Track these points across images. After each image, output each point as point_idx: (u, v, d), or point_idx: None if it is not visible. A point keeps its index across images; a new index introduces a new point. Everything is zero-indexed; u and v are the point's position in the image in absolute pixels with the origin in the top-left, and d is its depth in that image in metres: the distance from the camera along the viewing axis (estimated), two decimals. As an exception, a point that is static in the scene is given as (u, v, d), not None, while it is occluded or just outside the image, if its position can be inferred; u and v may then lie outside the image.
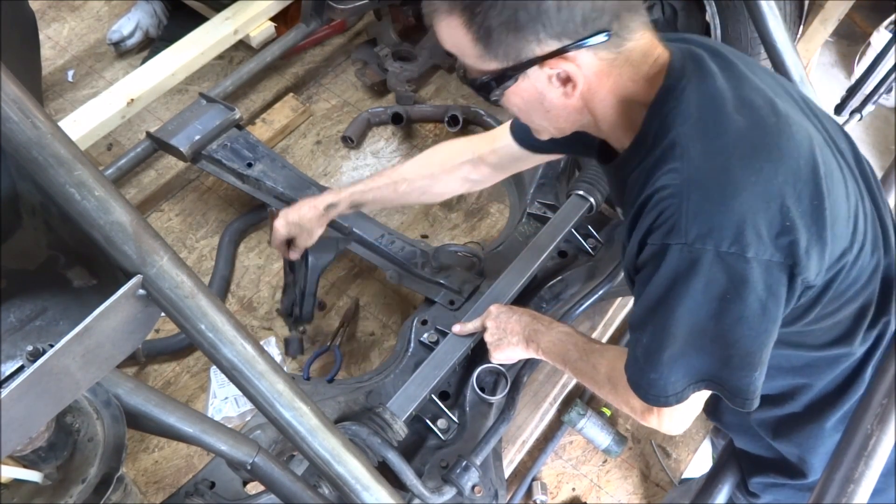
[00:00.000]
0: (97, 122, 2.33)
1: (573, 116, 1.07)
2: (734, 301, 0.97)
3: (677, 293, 0.99)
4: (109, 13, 3.06)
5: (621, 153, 1.12)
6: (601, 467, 2.10)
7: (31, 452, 0.92)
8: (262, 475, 1.09)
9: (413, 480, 1.49)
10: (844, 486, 0.93)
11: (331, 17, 2.64)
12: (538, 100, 1.04)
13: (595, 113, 1.06)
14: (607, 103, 1.05)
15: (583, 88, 1.01)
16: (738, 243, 0.94)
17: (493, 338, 1.57)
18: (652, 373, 1.06)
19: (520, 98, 1.05)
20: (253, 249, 2.41)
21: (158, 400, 1.07)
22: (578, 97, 1.03)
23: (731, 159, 0.97)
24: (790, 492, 1.37)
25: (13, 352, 0.92)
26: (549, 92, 1.03)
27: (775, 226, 0.95)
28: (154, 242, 0.78)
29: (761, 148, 0.98)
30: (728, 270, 0.95)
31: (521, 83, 1.02)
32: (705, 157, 0.98)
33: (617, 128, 1.09)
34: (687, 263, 0.96)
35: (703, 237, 0.95)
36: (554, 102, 1.04)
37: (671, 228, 0.97)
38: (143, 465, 2.00)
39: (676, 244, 0.96)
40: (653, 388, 1.07)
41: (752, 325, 0.99)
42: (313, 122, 2.74)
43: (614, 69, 1.01)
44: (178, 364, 2.17)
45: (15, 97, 0.70)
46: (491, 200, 2.53)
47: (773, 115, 1.01)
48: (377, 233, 2.05)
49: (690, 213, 0.96)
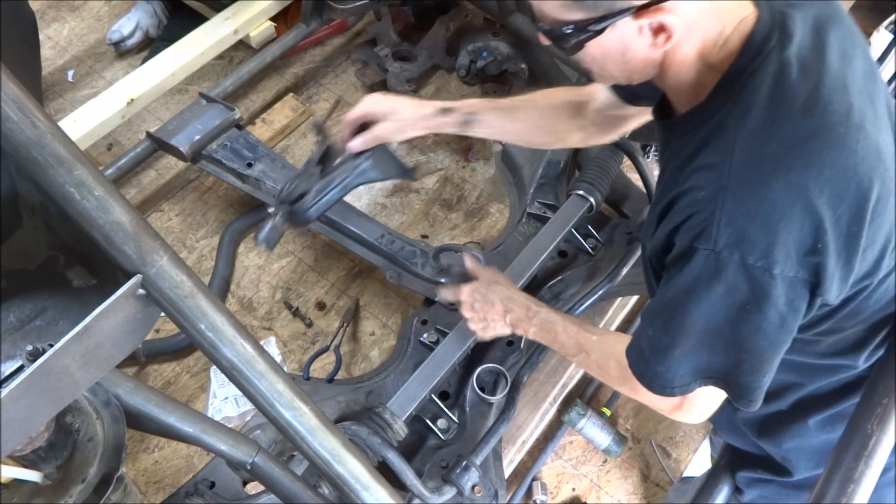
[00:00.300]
0: (97, 122, 2.33)
1: (648, 69, 1.02)
2: (753, 312, 0.96)
3: (697, 295, 0.98)
4: (109, 13, 3.06)
5: (676, 117, 1.08)
6: (601, 467, 2.10)
7: (31, 452, 0.92)
8: (262, 475, 1.09)
9: (413, 480, 1.49)
10: (844, 486, 0.93)
11: (331, 17, 2.64)
12: (620, 51, 0.98)
13: (671, 69, 1.01)
14: (688, 60, 0.99)
15: (674, 40, 0.94)
16: (766, 258, 0.92)
17: (476, 325, 1.51)
18: (659, 366, 1.06)
19: (599, 49, 0.99)
20: (253, 249, 2.41)
21: (158, 400, 1.07)
22: (664, 51, 0.97)
23: (776, 171, 0.93)
24: (775, 488, 1.37)
25: (13, 352, 0.92)
26: (636, 43, 0.96)
27: (806, 245, 0.93)
28: (154, 242, 0.78)
29: (814, 162, 0.93)
30: (751, 282, 0.94)
31: (606, 34, 0.95)
32: (750, 162, 0.94)
33: (685, 89, 1.04)
34: (711, 269, 0.95)
35: (731, 246, 0.93)
36: (637, 54, 0.98)
37: (701, 232, 0.95)
38: (143, 465, 2.00)
39: (704, 249, 0.95)
40: (658, 378, 1.07)
41: (769, 336, 0.98)
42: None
43: (705, 21, 0.95)
44: (178, 364, 2.17)
45: (15, 97, 0.70)
46: (491, 200, 2.53)
47: (844, 124, 0.95)
48: (377, 233, 2.05)
49: (722, 221, 0.93)
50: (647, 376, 1.09)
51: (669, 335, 1.03)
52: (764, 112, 0.95)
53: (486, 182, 2.57)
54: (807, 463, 1.29)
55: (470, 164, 2.62)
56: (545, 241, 1.87)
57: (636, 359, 1.12)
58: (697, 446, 2.14)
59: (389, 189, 2.56)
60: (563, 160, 2.13)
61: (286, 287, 2.33)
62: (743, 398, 1.04)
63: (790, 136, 0.94)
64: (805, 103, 0.94)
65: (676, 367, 1.05)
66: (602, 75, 1.08)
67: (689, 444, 2.14)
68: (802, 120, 0.94)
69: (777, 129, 0.94)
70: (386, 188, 2.56)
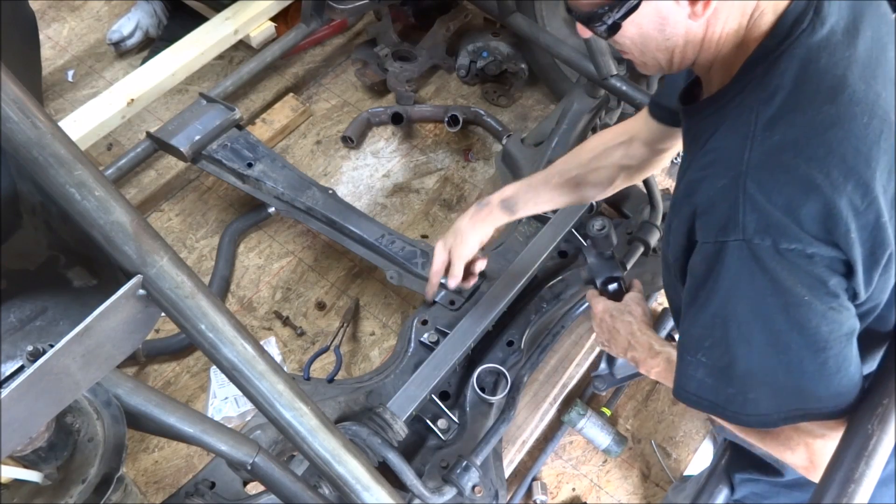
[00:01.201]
0: (97, 122, 2.33)
1: (689, 48, 0.98)
2: (812, 301, 0.90)
3: (744, 294, 0.92)
4: (109, 13, 3.06)
5: (701, 100, 1.05)
6: (601, 467, 2.10)
7: (31, 452, 0.92)
8: (262, 475, 1.09)
9: (413, 480, 1.49)
10: (844, 486, 0.93)
11: (331, 17, 2.64)
12: (659, 27, 0.95)
13: (712, 46, 0.97)
14: (725, 36, 0.96)
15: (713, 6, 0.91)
16: (799, 241, 0.88)
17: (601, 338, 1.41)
18: (728, 387, 0.97)
19: (637, 28, 0.96)
20: (253, 249, 2.41)
21: (158, 400, 1.07)
22: (704, 21, 0.93)
23: (797, 158, 0.90)
24: (765, 486, 1.37)
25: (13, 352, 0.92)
26: (674, 14, 0.93)
27: (833, 230, 0.89)
28: (154, 242, 0.78)
29: (836, 150, 0.90)
30: (793, 269, 0.89)
31: (642, 9, 0.92)
32: (771, 148, 0.91)
33: (718, 68, 1.00)
34: (748, 260, 0.90)
35: (761, 232, 0.89)
36: (676, 28, 0.95)
37: (726, 223, 0.91)
38: (143, 465, 2.00)
39: (734, 240, 0.91)
40: (731, 403, 0.98)
41: (839, 320, 0.91)
42: (313, 122, 2.74)
43: None
44: (178, 364, 2.17)
45: (15, 97, 0.70)
46: (491, 200, 2.53)
47: (869, 114, 0.91)
48: (377, 233, 2.05)
49: (747, 206, 0.90)
50: (719, 404, 0.99)
51: (729, 351, 0.95)
52: (787, 98, 0.92)
53: (486, 182, 2.57)
54: None
55: (470, 164, 2.62)
56: (545, 241, 1.87)
57: (698, 391, 1.01)
58: (697, 446, 2.14)
59: (389, 189, 2.56)
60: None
61: (286, 287, 2.33)
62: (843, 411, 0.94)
63: (813, 123, 0.91)
64: (831, 90, 0.91)
65: (747, 387, 0.96)
66: (644, 60, 1.04)
67: (689, 444, 2.14)
68: (826, 107, 0.91)
69: (800, 114, 0.91)
70: (386, 188, 2.56)
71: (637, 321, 1.31)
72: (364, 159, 2.64)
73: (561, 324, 1.87)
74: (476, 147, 2.67)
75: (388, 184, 2.57)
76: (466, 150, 2.65)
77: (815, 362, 0.93)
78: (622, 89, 2.06)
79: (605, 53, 2.06)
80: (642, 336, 1.29)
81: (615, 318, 1.33)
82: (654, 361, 1.25)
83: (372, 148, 2.67)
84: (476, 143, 2.68)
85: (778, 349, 0.93)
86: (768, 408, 0.96)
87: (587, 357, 2.00)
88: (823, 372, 0.93)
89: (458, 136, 2.67)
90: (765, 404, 0.96)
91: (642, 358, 1.27)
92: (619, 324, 1.32)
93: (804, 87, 0.92)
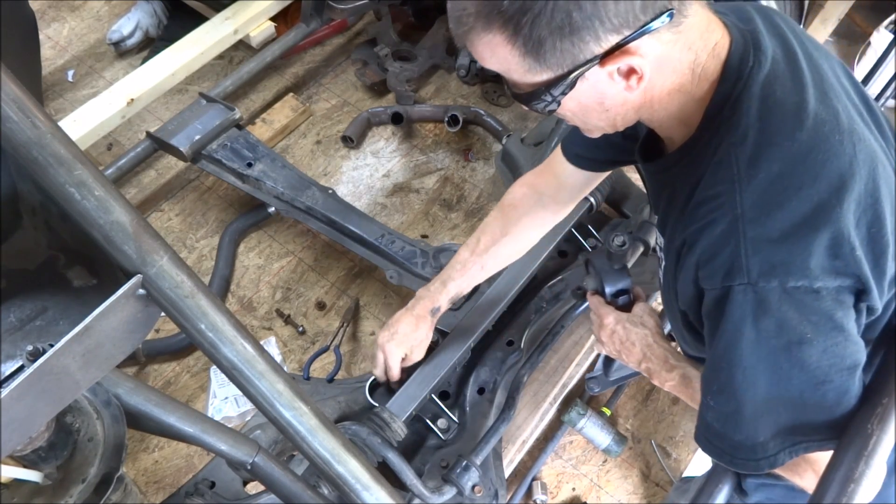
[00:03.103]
0: (97, 122, 2.33)
1: (630, 114, 1.00)
2: (815, 338, 0.91)
3: (747, 339, 0.93)
4: (109, 13, 3.06)
5: (668, 154, 1.06)
6: (601, 467, 2.10)
7: (31, 452, 0.92)
8: (262, 475, 1.09)
9: (413, 480, 1.49)
10: (844, 485, 0.93)
11: (331, 17, 2.64)
12: (597, 100, 0.97)
13: (653, 106, 0.99)
14: (668, 95, 0.97)
15: (647, 79, 0.93)
16: (806, 277, 0.89)
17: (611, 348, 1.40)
18: (736, 434, 0.98)
19: (576, 102, 0.97)
20: (253, 249, 2.41)
21: (158, 400, 1.07)
22: (640, 90, 0.95)
23: (787, 190, 0.91)
24: (782, 490, 1.37)
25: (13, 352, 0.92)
26: (610, 89, 0.94)
27: (839, 255, 0.90)
28: (154, 242, 0.78)
29: (821, 174, 0.91)
30: (799, 307, 0.90)
31: (578, 87, 0.93)
32: (759, 186, 0.92)
33: (674, 124, 1.02)
34: (753, 304, 0.91)
35: (766, 274, 0.90)
36: (615, 100, 0.96)
37: (730, 269, 0.92)
38: (143, 465, 2.00)
39: (739, 285, 0.91)
40: (740, 452, 0.99)
41: (839, 353, 0.92)
42: (313, 122, 2.74)
43: (674, 53, 0.93)
44: (178, 364, 2.17)
45: (15, 97, 0.70)
46: (491, 200, 2.53)
47: (837, 130, 0.93)
48: (377, 233, 2.05)
49: (749, 250, 0.91)
50: (727, 453, 1.01)
51: (735, 396, 0.96)
52: (759, 134, 0.93)
53: (486, 182, 2.57)
54: None
55: (470, 164, 2.62)
56: (545, 241, 1.87)
57: (707, 436, 1.03)
58: (697, 446, 2.14)
59: (389, 189, 2.56)
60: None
61: (286, 287, 2.33)
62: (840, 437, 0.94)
63: (790, 153, 0.92)
64: (795, 117, 0.93)
65: (753, 431, 0.97)
66: (587, 128, 1.06)
67: (689, 444, 2.14)
68: (798, 134, 0.93)
69: (776, 148, 0.93)
70: (386, 188, 2.56)
71: (652, 333, 1.31)
72: (364, 159, 2.64)
73: (561, 323, 1.87)
74: (476, 147, 2.67)
75: (388, 184, 2.57)
76: (466, 150, 2.65)
77: (814, 395, 0.94)
78: (622, 89, 2.06)
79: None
80: (658, 348, 1.29)
81: (629, 330, 1.33)
82: (669, 375, 1.26)
83: (372, 148, 2.67)
84: (476, 142, 2.68)
85: (780, 387, 0.94)
86: (774, 448, 0.97)
87: (587, 357, 2.00)
88: (823, 404, 0.94)
89: (458, 135, 2.67)
90: (771, 446, 0.97)
91: (657, 370, 1.28)
92: (633, 335, 1.32)
93: (770, 120, 0.93)
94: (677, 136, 1.04)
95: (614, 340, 1.35)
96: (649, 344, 1.30)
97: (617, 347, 1.35)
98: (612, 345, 1.36)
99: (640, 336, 1.31)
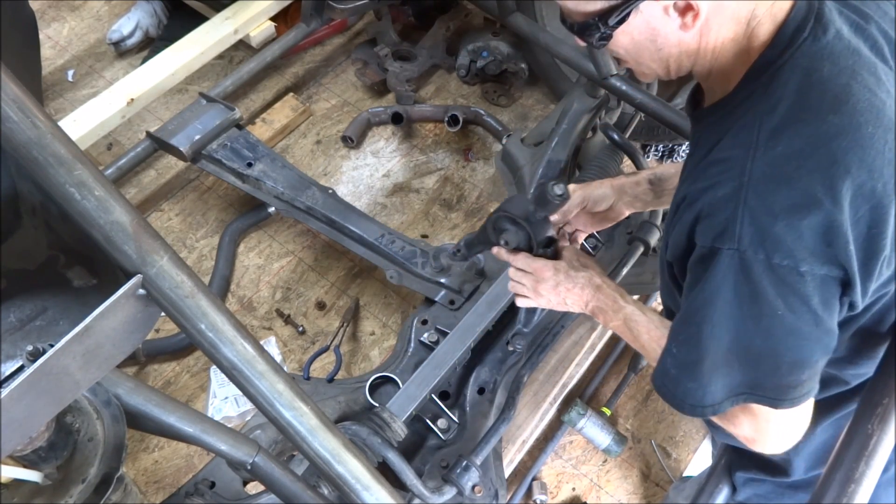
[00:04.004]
0: (97, 122, 2.33)
1: (684, 58, 0.99)
2: (785, 315, 0.92)
3: (724, 300, 0.94)
4: (109, 13, 3.06)
5: (704, 108, 1.06)
6: (601, 467, 2.10)
7: (31, 452, 0.92)
8: (262, 475, 1.09)
9: (413, 480, 1.49)
10: (844, 485, 0.93)
11: (331, 16, 2.64)
12: (650, 37, 0.96)
13: (707, 55, 0.98)
14: (722, 44, 0.96)
15: (703, 18, 0.92)
16: (792, 257, 0.89)
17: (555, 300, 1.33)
18: (689, 381, 1.01)
19: (629, 38, 0.97)
20: (253, 249, 2.41)
21: (158, 400, 1.07)
22: (696, 32, 0.94)
23: (800, 169, 0.90)
24: (770, 487, 1.36)
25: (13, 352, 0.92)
26: (665, 26, 0.94)
27: (833, 244, 0.90)
28: (154, 242, 0.78)
29: (839, 161, 0.90)
30: (780, 284, 0.90)
31: (632, 20, 0.93)
32: (774, 159, 0.91)
33: (719, 77, 1.01)
34: (736, 270, 0.92)
35: (755, 245, 0.90)
36: (668, 39, 0.96)
37: (723, 231, 0.92)
38: (143, 465, 2.00)
39: (728, 249, 0.92)
40: (689, 397, 1.02)
41: (805, 336, 0.94)
42: (313, 122, 2.74)
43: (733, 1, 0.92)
44: (178, 364, 2.17)
45: (15, 97, 0.70)
46: (491, 200, 2.53)
47: (873, 123, 0.91)
48: (377, 233, 2.05)
49: (746, 218, 0.91)
50: (677, 395, 1.03)
51: (698, 348, 0.98)
52: (791, 108, 0.92)
53: (486, 182, 2.57)
54: (806, 463, 1.28)
55: (470, 164, 2.62)
56: (545, 241, 1.87)
57: (662, 380, 1.06)
58: (697, 446, 2.14)
59: (389, 189, 2.56)
60: (563, 160, 2.13)
61: (286, 287, 2.33)
62: (783, 400, 0.98)
63: (817, 133, 0.91)
64: (835, 100, 0.91)
65: (707, 382, 0.99)
66: (640, 69, 1.05)
67: (689, 444, 2.14)
68: (830, 117, 0.91)
69: (804, 125, 0.91)
70: (386, 188, 2.56)
71: (597, 273, 1.30)
72: (364, 159, 2.64)
73: (561, 324, 1.87)
74: (476, 147, 2.67)
75: (388, 183, 2.57)
76: (466, 150, 2.65)
77: (770, 364, 0.96)
78: (622, 89, 2.06)
79: (605, 53, 2.05)
80: (607, 288, 1.27)
81: (573, 277, 1.29)
82: (617, 315, 1.25)
83: (372, 148, 2.67)
84: (476, 142, 2.68)
85: (741, 350, 0.96)
86: (721, 398, 1.00)
87: (587, 357, 2.00)
88: (777, 372, 0.96)
89: (458, 135, 2.67)
90: (719, 396, 1.00)
91: (606, 309, 1.27)
92: (579, 279, 1.29)
93: (807, 97, 0.92)
94: (718, 91, 1.03)
95: (559, 291, 1.31)
96: (597, 284, 1.28)
97: (562, 297, 1.31)
98: (556, 296, 1.32)
99: (586, 278, 1.29)
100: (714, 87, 1.04)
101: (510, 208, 1.32)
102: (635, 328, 1.24)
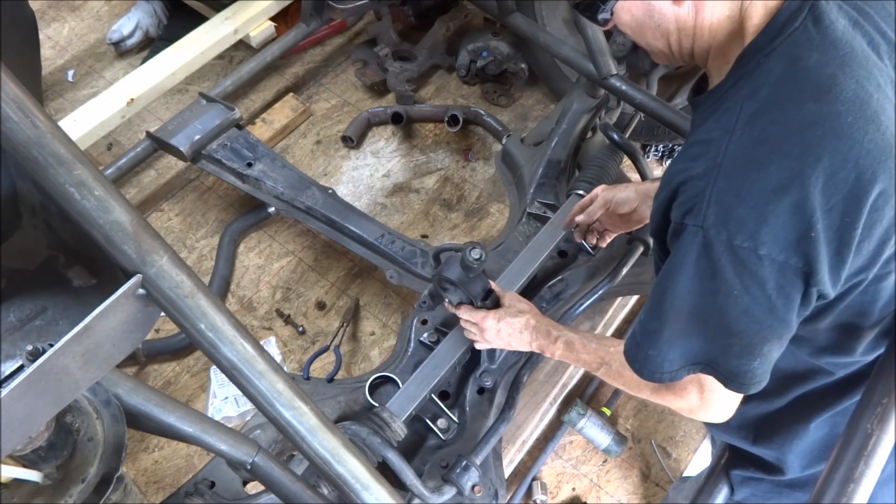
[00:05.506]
0: (97, 122, 2.33)
1: (683, 37, 1.03)
2: (741, 294, 0.95)
3: (685, 273, 0.98)
4: (109, 13, 3.06)
5: (702, 95, 1.09)
6: (601, 467, 2.10)
7: (31, 452, 0.92)
8: (262, 475, 1.09)
9: (413, 480, 1.49)
10: (844, 485, 0.93)
11: (331, 17, 2.64)
12: (647, 13, 1.02)
13: (704, 32, 1.02)
14: (718, 22, 1.00)
15: None
16: (753, 240, 0.91)
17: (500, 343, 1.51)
18: (650, 349, 1.07)
19: (630, 15, 1.04)
20: (253, 249, 2.41)
21: (158, 400, 1.07)
22: (691, 7, 0.99)
23: (773, 154, 0.92)
24: (766, 486, 1.37)
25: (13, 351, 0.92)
26: (658, 1, 1.00)
27: (796, 231, 0.91)
28: (154, 242, 0.78)
29: (812, 149, 0.91)
30: (738, 264, 0.93)
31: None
32: (749, 142, 0.93)
33: (719, 57, 1.04)
34: (699, 247, 0.95)
35: (718, 225, 0.93)
36: (664, 14, 1.01)
37: (691, 209, 0.96)
38: (143, 465, 2.00)
39: (693, 226, 0.95)
40: (648, 363, 1.08)
41: (758, 320, 0.97)
42: (313, 122, 2.74)
43: None
44: (178, 364, 2.17)
45: (15, 97, 0.70)
46: (491, 200, 2.53)
47: (853, 113, 0.92)
48: (377, 233, 2.05)
49: (713, 198, 0.93)
50: (638, 361, 1.10)
51: (659, 317, 1.04)
52: (771, 94, 0.94)
53: (486, 182, 2.57)
54: (801, 462, 1.29)
55: (470, 164, 2.62)
56: (545, 241, 1.87)
57: (629, 345, 1.13)
58: (697, 446, 2.14)
59: (389, 189, 2.56)
60: (563, 160, 2.13)
61: (286, 287, 2.33)
62: (733, 382, 1.03)
63: (793, 120, 0.92)
64: (816, 89, 0.92)
65: (666, 350, 1.05)
66: (650, 49, 1.10)
67: (689, 444, 2.14)
68: (809, 105, 0.92)
69: (780, 112, 0.93)
70: (386, 188, 2.56)
71: (531, 315, 1.45)
72: (364, 159, 2.64)
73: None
74: (476, 147, 2.67)
75: (388, 183, 2.57)
76: (466, 150, 2.65)
77: (723, 341, 1.01)
78: (622, 89, 2.06)
79: (605, 53, 2.05)
80: (541, 326, 1.43)
81: (511, 322, 1.45)
82: (555, 346, 1.40)
83: (372, 148, 2.67)
84: (476, 142, 2.68)
85: (698, 323, 1.01)
86: (678, 365, 1.06)
87: (587, 357, 2.00)
88: (728, 352, 1.01)
89: (458, 135, 2.67)
90: (676, 364, 1.06)
91: (545, 344, 1.42)
92: (517, 324, 1.45)
93: (789, 84, 0.94)
94: (716, 78, 1.06)
95: (502, 336, 1.47)
96: (532, 326, 1.44)
97: (506, 341, 1.47)
98: (500, 341, 1.48)
99: (522, 322, 1.45)
100: (713, 73, 1.07)
101: (446, 273, 1.49)
102: (573, 349, 1.37)
